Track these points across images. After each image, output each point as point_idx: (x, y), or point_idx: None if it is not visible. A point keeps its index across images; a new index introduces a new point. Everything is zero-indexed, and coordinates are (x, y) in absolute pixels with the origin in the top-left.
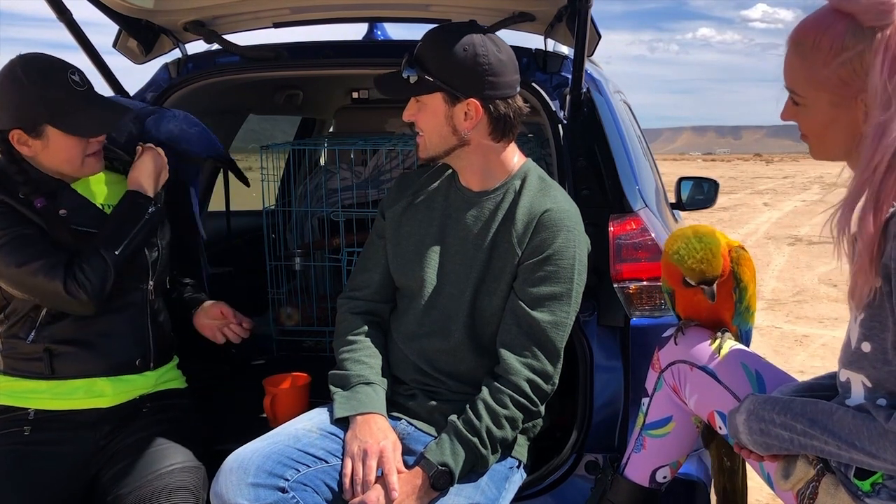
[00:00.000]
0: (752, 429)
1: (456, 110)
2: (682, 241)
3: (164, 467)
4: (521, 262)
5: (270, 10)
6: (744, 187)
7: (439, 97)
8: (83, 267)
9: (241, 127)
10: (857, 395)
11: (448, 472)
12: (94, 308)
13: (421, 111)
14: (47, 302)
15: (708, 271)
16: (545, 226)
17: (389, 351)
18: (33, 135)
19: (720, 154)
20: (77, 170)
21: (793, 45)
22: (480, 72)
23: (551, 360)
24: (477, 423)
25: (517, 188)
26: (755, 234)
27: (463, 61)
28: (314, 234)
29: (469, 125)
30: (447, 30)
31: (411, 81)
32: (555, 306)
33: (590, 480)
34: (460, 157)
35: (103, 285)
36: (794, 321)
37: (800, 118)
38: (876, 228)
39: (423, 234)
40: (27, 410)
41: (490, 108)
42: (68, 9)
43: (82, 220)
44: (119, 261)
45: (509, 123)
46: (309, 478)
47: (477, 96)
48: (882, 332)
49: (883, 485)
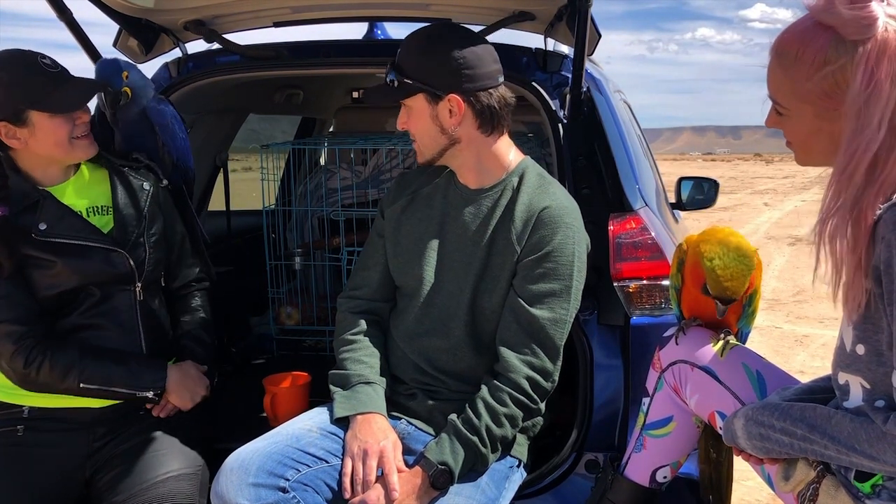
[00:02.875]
0: (751, 433)
1: (440, 109)
2: (721, 251)
3: (159, 475)
4: (520, 259)
5: (270, 9)
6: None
7: (421, 98)
8: (48, 356)
9: (241, 126)
10: (856, 398)
11: (448, 472)
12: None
13: (410, 117)
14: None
15: (732, 292)
16: (544, 223)
17: (389, 350)
18: (19, 124)
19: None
20: (69, 152)
21: (776, 55)
22: (456, 66)
23: (551, 358)
24: (476, 422)
25: (515, 185)
26: (755, 234)
27: (438, 59)
28: (314, 234)
29: (455, 121)
30: (422, 32)
31: (395, 87)
32: (554, 303)
33: (590, 479)
34: (454, 156)
35: (39, 385)
36: (794, 321)
37: (784, 127)
38: (861, 232)
39: (421, 232)
40: (22, 408)
41: (472, 102)
42: (68, 8)
43: (62, 231)
44: (74, 389)
45: (496, 115)
46: (309, 478)
47: (456, 91)
48: (875, 334)
49: (883, 486)
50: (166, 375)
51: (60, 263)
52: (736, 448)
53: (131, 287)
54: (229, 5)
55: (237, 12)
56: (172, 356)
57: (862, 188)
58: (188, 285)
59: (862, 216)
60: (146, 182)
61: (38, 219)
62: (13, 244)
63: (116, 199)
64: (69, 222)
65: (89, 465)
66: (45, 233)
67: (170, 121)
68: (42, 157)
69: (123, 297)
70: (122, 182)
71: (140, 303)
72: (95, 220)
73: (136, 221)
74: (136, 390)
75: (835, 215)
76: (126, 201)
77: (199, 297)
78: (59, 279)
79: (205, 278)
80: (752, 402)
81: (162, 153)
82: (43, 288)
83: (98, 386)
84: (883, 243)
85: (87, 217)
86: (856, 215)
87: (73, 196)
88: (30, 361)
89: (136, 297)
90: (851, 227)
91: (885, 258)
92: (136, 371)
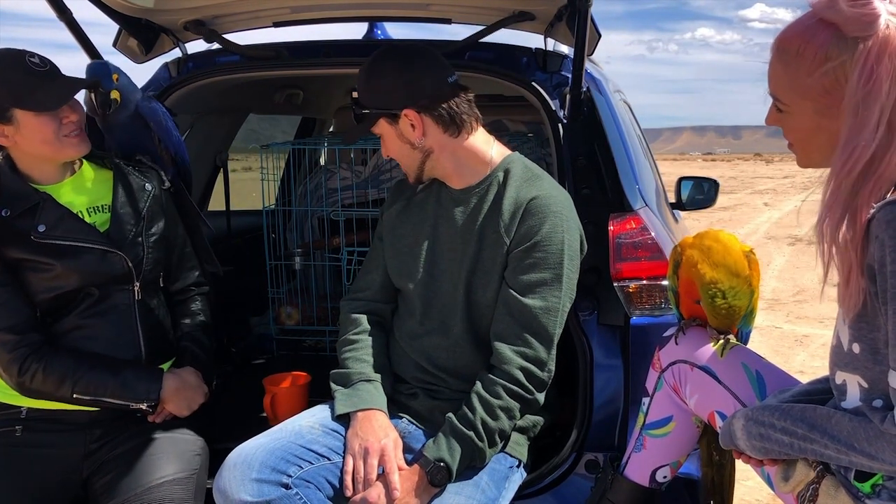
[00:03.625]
0: (750, 434)
1: (402, 126)
2: (731, 282)
3: (154, 480)
4: (510, 250)
5: (270, 9)
6: (744, 187)
7: (383, 123)
8: (42, 366)
9: (241, 126)
10: (854, 397)
11: (445, 468)
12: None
13: (385, 144)
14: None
15: (727, 325)
16: (531, 213)
17: (391, 350)
18: (5, 122)
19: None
20: (57, 150)
21: (777, 51)
22: (400, 84)
23: (545, 347)
24: (471, 416)
25: (501, 180)
26: (755, 234)
27: (384, 81)
28: (314, 234)
29: (418, 134)
30: (367, 61)
31: (359, 120)
32: (545, 292)
33: (590, 479)
34: (434, 166)
35: (35, 392)
36: (794, 321)
37: (784, 124)
38: (856, 231)
39: (416, 234)
40: (20, 409)
41: (427, 109)
42: (68, 8)
43: (61, 232)
44: (68, 398)
45: (455, 115)
46: (311, 474)
47: (409, 105)
48: (871, 333)
49: (883, 486)
50: (161, 386)
51: (60, 265)
52: (735, 451)
53: (129, 287)
54: (229, 5)
55: (237, 12)
56: (172, 356)
57: (859, 185)
58: (188, 289)
59: (857, 213)
60: (148, 183)
61: (37, 221)
62: (9, 246)
63: (116, 198)
64: (67, 224)
65: (86, 467)
66: (44, 234)
67: (162, 117)
68: (34, 156)
69: (122, 296)
70: (124, 182)
71: (138, 302)
72: (94, 218)
73: (134, 220)
74: (129, 402)
75: (832, 212)
76: (125, 200)
77: (199, 301)
78: (59, 281)
79: (205, 282)
80: (751, 402)
81: (160, 150)
82: (41, 290)
83: (91, 396)
84: (876, 242)
85: (87, 216)
86: (852, 212)
87: (71, 194)
88: (24, 370)
89: (134, 296)
90: (847, 224)
91: (879, 257)
92: (131, 382)
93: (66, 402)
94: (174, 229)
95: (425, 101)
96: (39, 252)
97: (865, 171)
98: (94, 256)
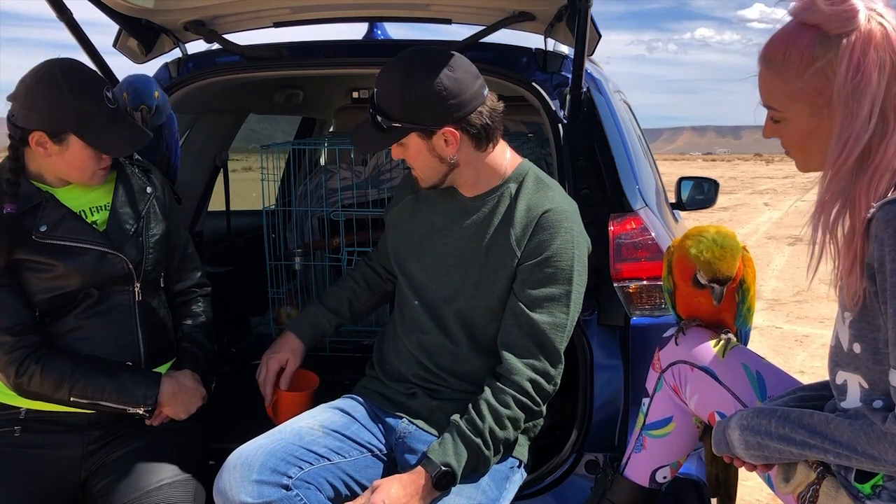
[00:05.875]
0: (748, 443)
1: (435, 141)
2: (702, 238)
3: (153, 483)
4: (520, 263)
5: (271, 9)
6: (744, 187)
7: (415, 136)
8: (39, 368)
9: (241, 126)
10: (854, 398)
11: (451, 473)
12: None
13: (405, 151)
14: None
15: (723, 270)
16: (543, 227)
17: (392, 345)
18: (55, 140)
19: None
20: (84, 180)
21: (764, 62)
22: (442, 99)
23: (552, 362)
24: (480, 424)
25: (513, 192)
26: (755, 234)
27: (422, 97)
28: (314, 234)
29: (452, 150)
30: (396, 70)
31: (383, 131)
32: (554, 308)
33: (590, 479)
34: (455, 178)
35: (32, 394)
36: (794, 321)
37: (782, 133)
38: (856, 225)
39: (420, 232)
40: (19, 409)
41: (466, 127)
42: (68, 8)
43: (62, 232)
44: (65, 401)
45: (490, 129)
46: (312, 476)
47: (448, 123)
48: (871, 333)
49: (883, 487)
50: (159, 390)
51: (60, 266)
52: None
53: (130, 288)
54: (229, 5)
55: (237, 12)
56: (173, 357)
57: (854, 177)
58: (190, 290)
59: (855, 206)
60: (149, 186)
61: (39, 221)
62: (13, 242)
63: (116, 198)
64: (69, 224)
65: (84, 468)
66: (45, 234)
67: (175, 125)
68: (56, 171)
69: (122, 297)
70: (125, 183)
71: (139, 303)
72: (95, 217)
73: (133, 220)
74: (126, 406)
75: (829, 204)
76: (125, 200)
77: (201, 303)
78: (59, 281)
79: (207, 283)
80: (751, 403)
81: (164, 154)
82: (41, 291)
83: (89, 400)
84: (876, 242)
85: (89, 215)
86: (850, 205)
87: (73, 194)
88: (22, 372)
89: (134, 297)
90: (847, 218)
91: (878, 256)
92: (128, 386)
93: (63, 404)
94: (176, 231)
95: (466, 116)
96: (40, 252)
97: (861, 161)
98: (94, 257)
